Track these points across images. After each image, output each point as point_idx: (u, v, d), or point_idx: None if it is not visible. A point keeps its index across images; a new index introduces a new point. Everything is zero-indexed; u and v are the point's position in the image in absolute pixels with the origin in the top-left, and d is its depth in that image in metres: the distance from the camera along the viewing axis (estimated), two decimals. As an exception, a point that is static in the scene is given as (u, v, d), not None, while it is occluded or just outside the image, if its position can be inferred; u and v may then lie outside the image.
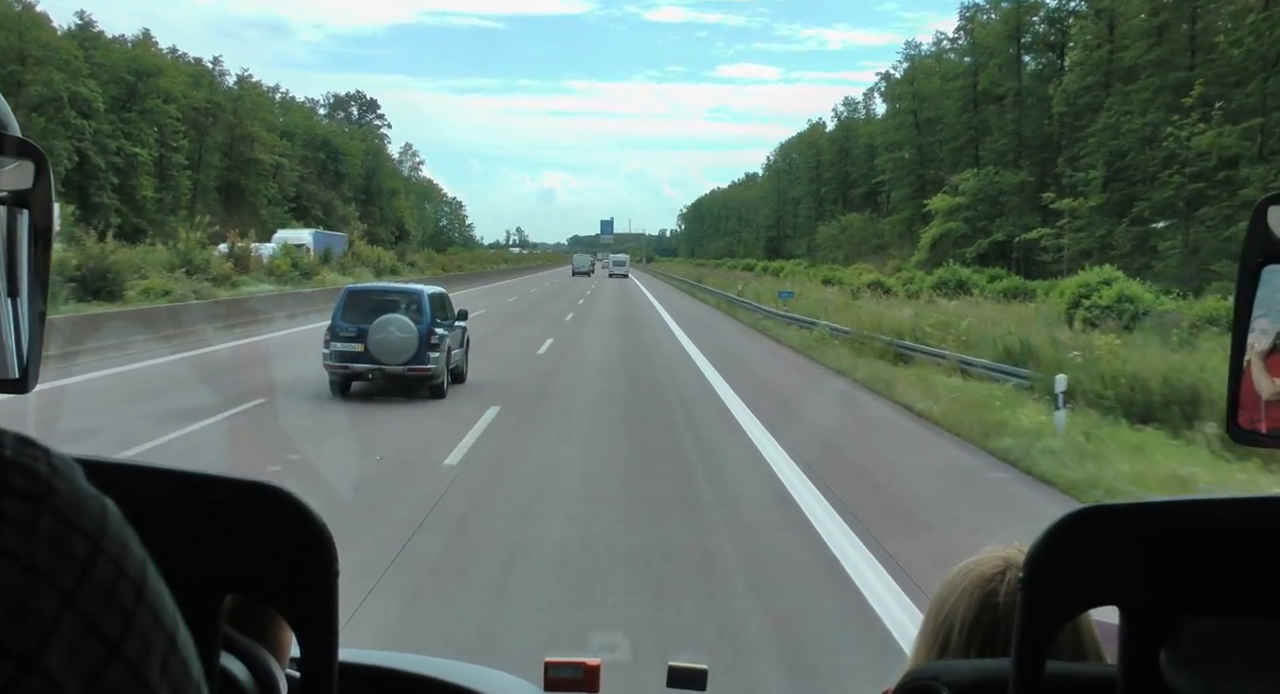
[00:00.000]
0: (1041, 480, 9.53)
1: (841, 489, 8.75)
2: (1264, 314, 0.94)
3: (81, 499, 0.48)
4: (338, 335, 13.60)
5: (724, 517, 8.13)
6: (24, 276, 0.89)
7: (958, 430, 11.90)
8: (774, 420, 12.08)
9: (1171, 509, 0.95)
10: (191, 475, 0.91)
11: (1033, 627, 0.91)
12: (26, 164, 0.87)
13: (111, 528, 0.49)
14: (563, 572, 6.60)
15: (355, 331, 13.52)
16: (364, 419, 12.33)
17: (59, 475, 0.48)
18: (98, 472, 0.54)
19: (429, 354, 13.51)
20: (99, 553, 0.47)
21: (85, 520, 0.48)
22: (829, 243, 72.60)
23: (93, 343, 16.72)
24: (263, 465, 8.53)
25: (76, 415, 11.09)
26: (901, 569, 6.40)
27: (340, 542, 0.90)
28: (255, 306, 27.38)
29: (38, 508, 0.46)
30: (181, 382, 14.51)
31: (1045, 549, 0.90)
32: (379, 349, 13.37)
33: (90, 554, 0.47)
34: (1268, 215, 0.92)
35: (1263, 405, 0.97)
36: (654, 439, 11.56)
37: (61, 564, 0.45)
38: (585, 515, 8.05)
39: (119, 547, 0.49)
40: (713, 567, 6.76)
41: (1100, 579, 0.90)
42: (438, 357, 13.62)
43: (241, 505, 0.90)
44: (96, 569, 0.47)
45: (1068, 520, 0.90)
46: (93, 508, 0.49)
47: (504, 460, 10.17)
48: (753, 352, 24.02)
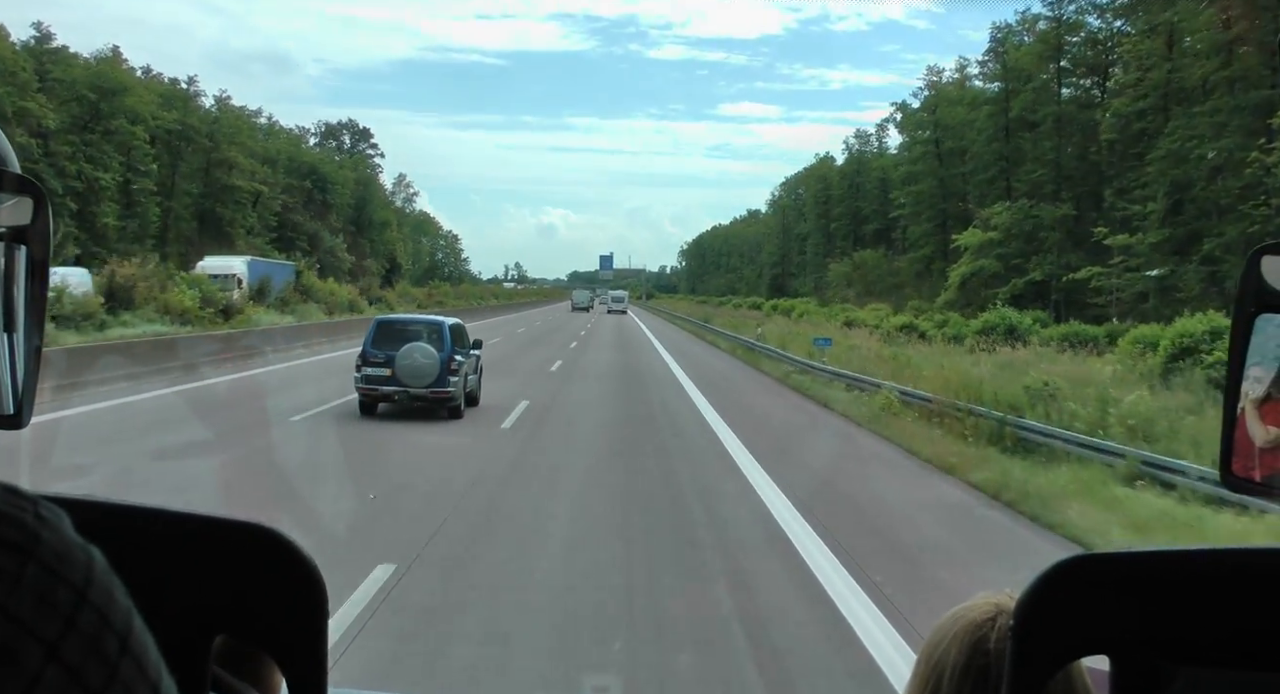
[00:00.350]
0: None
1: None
2: (1257, 362, 0.96)
3: (68, 550, 0.49)
4: (368, 361, 15.26)
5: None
6: (20, 312, 0.90)
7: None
8: (904, 602, 6.87)
9: (1163, 558, 0.95)
10: (181, 515, 0.90)
11: (1023, 674, 0.91)
12: (25, 200, 0.87)
13: (97, 578, 0.49)
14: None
15: (384, 358, 15.19)
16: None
17: (46, 526, 0.49)
18: (85, 512, 0.56)
19: (449, 379, 15.12)
20: (84, 604, 0.48)
21: (71, 571, 0.48)
22: (840, 281, 68.19)
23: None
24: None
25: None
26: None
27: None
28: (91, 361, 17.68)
29: (24, 559, 0.46)
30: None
31: (1036, 596, 0.90)
32: (405, 374, 14.94)
33: (75, 605, 0.47)
34: (1261, 265, 0.94)
35: (1257, 453, 0.97)
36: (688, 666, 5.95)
37: (46, 615, 0.46)
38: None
39: (104, 597, 0.49)
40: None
41: (1091, 627, 0.90)
42: (456, 381, 15.26)
43: (231, 545, 0.90)
44: (81, 620, 0.47)
45: (1058, 568, 0.90)
46: (79, 558, 0.49)
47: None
48: (805, 433, 17.42)
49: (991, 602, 1.15)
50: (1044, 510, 9.75)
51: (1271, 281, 0.95)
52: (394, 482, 11.17)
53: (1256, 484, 0.99)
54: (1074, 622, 0.90)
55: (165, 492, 9.19)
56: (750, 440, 14.56)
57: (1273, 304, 0.95)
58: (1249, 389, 0.97)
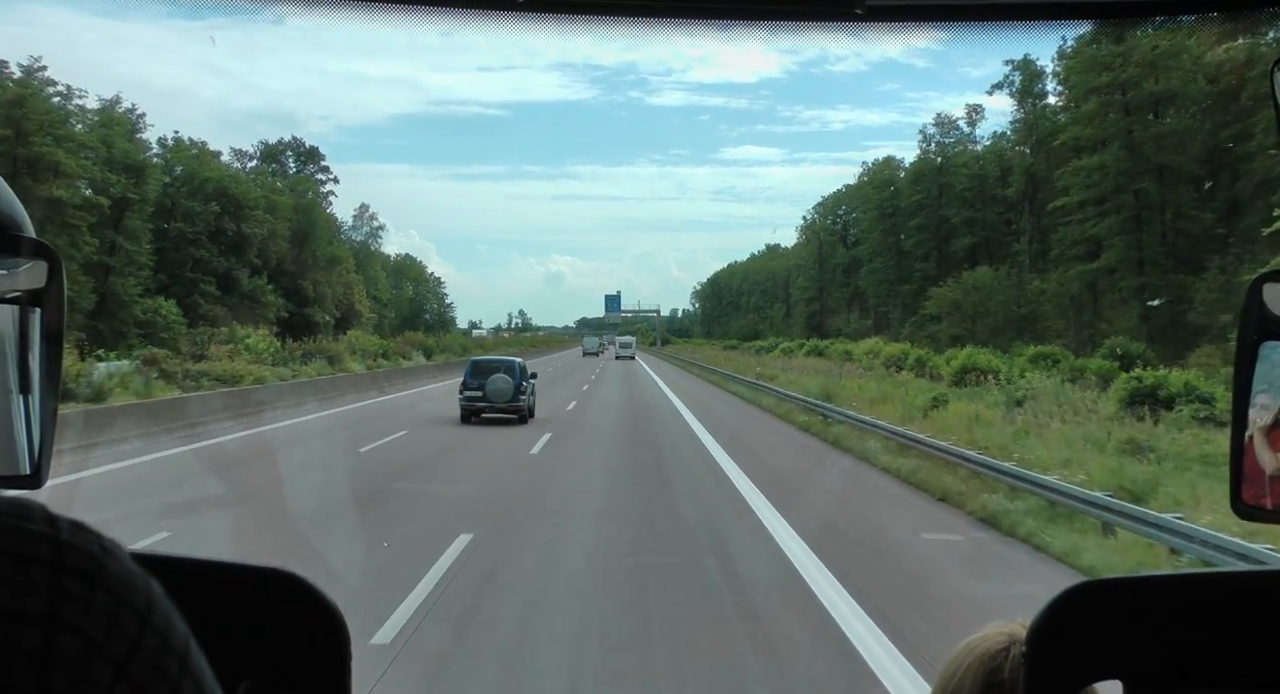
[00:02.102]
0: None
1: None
2: (1264, 390, 0.96)
3: (130, 578, 0.53)
4: (468, 386, 24.15)
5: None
6: (36, 374, 0.91)
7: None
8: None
9: (1171, 583, 0.96)
10: (205, 563, 0.92)
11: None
12: (40, 264, 0.89)
13: (158, 605, 0.54)
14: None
15: (477, 385, 24.02)
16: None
17: (110, 556, 0.53)
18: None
19: (520, 398, 24.17)
20: (147, 627, 0.52)
21: (134, 597, 0.53)
22: (949, 311, 48.85)
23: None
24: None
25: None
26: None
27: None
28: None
29: (93, 586, 0.51)
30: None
31: (1047, 624, 0.91)
32: (492, 395, 23.84)
33: (139, 628, 0.52)
34: (1263, 292, 0.94)
35: (1267, 480, 0.97)
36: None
37: (115, 637, 0.51)
38: None
39: (165, 622, 0.54)
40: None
41: (1103, 653, 0.90)
42: (524, 399, 24.37)
43: (255, 592, 0.91)
44: (145, 641, 0.52)
45: (1068, 595, 0.91)
46: (140, 586, 0.54)
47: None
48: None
49: (1004, 631, 1.13)
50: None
51: (1274, 309, 0.94)
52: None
53: (1268, 511, 0.98)
54: (1086, 648, 0.90)
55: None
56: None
57: (1276, 332, 0.95)
58: (1256, 417, 0.96)
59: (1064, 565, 10.21)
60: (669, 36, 1.07)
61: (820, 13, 1.02)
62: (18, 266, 0.89)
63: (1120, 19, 1.19)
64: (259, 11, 1.63)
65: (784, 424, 26.91)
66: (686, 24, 1.05)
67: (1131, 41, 36.85)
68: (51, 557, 0.51)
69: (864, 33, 1.05)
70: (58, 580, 0.50)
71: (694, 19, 1.04)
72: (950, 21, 1.05)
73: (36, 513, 0.53)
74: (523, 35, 1.03)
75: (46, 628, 0.49)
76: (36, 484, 0.91)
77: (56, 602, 0.50)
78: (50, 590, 0.50)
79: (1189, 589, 0.93)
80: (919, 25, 1.05)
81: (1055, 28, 1.09)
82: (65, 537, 0.52)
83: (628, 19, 1.05)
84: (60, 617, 0.50)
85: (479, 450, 19.79)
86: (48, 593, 0.50)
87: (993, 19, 1.04)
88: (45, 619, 0.50)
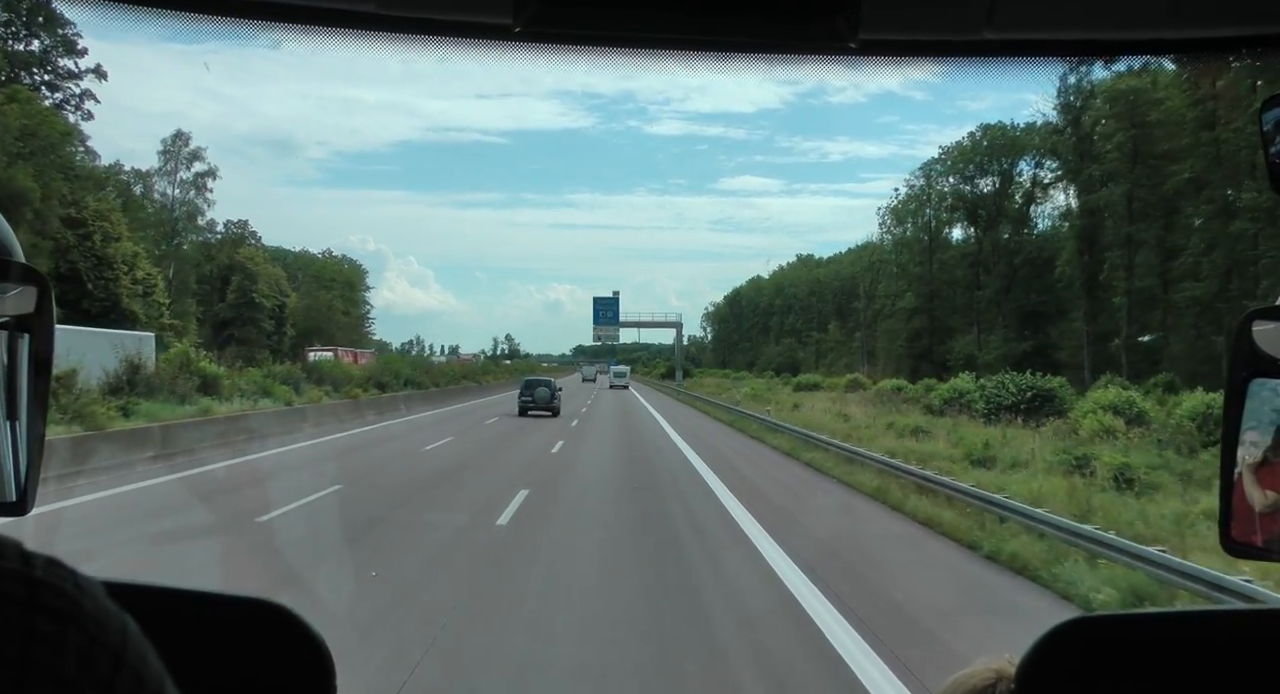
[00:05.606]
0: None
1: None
2: (1253, 427, 0.95)
3: (105, 616, 0.53)
4: (523, 394, 42.00)
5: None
6: (23, 400, 0.90)
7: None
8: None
9: (1159, 620, 0.96)
10: (189, 593, 0.90)
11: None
12: (30, 289, 0.88)
13: (132, 642, 0.54)
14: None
15: (530, 394, 41.73)
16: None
17: (85, 594, 0.53)
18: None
19: (554, 402, 41.50)
20: (121, 666, 0.52)
21: (109, 636, 0.52)
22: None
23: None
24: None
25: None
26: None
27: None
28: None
29: (66, 625, 0.51)
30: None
31: (1035, 661, 0.90)
32: (538, 400, 41.21)
33: (113, 667, 0.51)
34: (1252, 329, 0.94)
35: (1256, 518, 0.97)
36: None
37: (88, 676, 0.50)
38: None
39: (139, 660, 0.53)
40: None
41: (1092, 691, 0.89)
42: (557, 403, 41.80)
43: (240, 622, 0.89)
44: (119, 682, 0.51)
45: (1056, 632, 0.90)
46: (115, 624, 0.53)
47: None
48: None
49: (991, 668, 1.11)
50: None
51: (1263, 346, 0.94)
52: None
53: (1258, 548, 0.98)
54: (1074, 685, 0.89)
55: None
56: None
57: (1265, 369, 0.94)
58: (1245, 454, 0.96)
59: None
60: (666, 67, 1.07)
61: (814, 46, 1.01)
62: (6, 292, 0.88)
63: (1122, 55, 1.19)
64: (254, 37, 1.50)
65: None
66: (683, 55, 1.05)
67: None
68: (25, 594, 0.51)
69: (860, 66, 1.06)
70: (30, 619, 0.50)
71: (690, 51, 1.04)
72: (945, 57, 1.05)
73: (11, 549, 0.53)
74: (519, 63, 1.04)
75: (18, 670, 0.49)
76: (23, 511, 0.91)
77: (28, 642, 0.49)
78: (22, 630, 0.49)
79: (1181, 627, 0.93)
80: (914, 59, 1.05)
81: (1053, 63, 1.09)
82: (39, 574, 0.52)
83: (624, 50, 1.04)
84: (31, 657, 0.49)
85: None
86: (20, 632, 0.49)
87: (989, 55, 1.04)
88: (17, 661, 0.49)
